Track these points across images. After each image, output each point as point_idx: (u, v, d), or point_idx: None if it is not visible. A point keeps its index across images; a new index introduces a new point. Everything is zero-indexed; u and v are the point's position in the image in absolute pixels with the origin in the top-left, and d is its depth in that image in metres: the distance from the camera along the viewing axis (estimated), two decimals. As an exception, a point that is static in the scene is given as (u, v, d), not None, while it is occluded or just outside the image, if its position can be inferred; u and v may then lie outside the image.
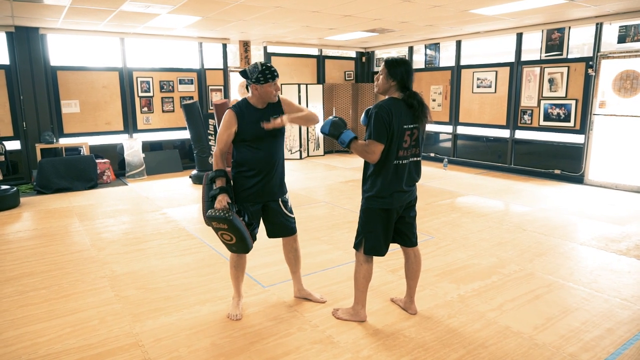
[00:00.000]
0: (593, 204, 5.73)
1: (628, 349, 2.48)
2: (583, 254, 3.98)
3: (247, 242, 2.65)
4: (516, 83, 7.75)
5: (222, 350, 2.52)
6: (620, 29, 6.47)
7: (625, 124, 6.69)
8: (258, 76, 2.59)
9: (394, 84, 2.55)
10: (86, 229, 4.87)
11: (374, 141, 2.46)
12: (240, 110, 2.68)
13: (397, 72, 2.52)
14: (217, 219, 2.53)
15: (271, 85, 2.63)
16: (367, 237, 2.65)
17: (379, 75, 2.60)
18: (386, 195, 2.55)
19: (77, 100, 7.63)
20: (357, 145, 2.53)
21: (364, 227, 2.66)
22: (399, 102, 2.52)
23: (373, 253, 2.67)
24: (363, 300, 2.78)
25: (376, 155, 2.48)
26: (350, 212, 5.43)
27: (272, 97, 2.69)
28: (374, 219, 2.62)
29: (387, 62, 2.57)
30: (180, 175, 8.08)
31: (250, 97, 2.72)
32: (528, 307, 2.97)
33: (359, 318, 2.79)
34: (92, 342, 2.62)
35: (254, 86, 2.64)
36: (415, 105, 2.51)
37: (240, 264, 2.91)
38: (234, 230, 2.55)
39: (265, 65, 2.61)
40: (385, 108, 2.47)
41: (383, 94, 2.62)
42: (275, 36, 8.58)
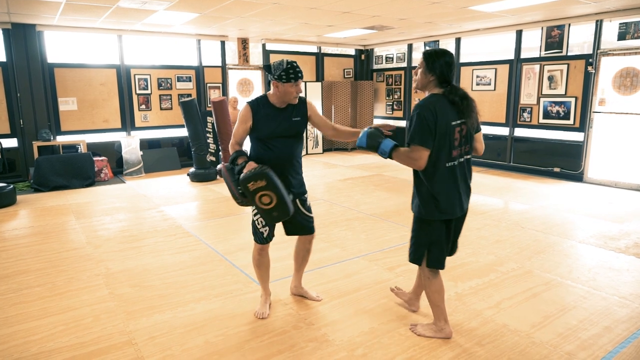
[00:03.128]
0: (592, 202, 5.70)
1: (626, 348, 2.46)
2: (582, 252, 3.95)
3: (288, 202, 2.48)
4: (515, 81, 7.71)
5: (215, 348, 2.49)
6: (620, 26, 6.43)
7: (625, 122, 6.66)
8: (281, 73, 2.50)
9: (432, 79, 2.33)
10: (82, 227, 4.85)
11: (419, 146, 2.24)
12: (257, 106, 2.62)
13: (436, 65, 2.30)
14: (253, 177, 2.37)
15: (293, 85, 2.53)
16: (431, 249, 2.44)
17: (417, 69, 2.39)
18: (446, 204, 2.34)
19: (75, 97, 7.60)
20: (399, 153, 2.31)
21: (425, 240, 2.44)
22: (441, 98, 2.30)
23: (437, 266, 2.46)
24: (444, 315, 2.55)
25: (422, 161, 2.26)
26: (348, 209, 5.40)
27: (292, 99, 2.59)
28: (435, 230, 2.41)
29: (425, 54, 2.35)
30: (178, 173, 8.05)
31: (271, 94, 2.63)
32: (526, 305, 2.94)
33: (444, 335, 2.55)
34: (85, 340, 2.59)
35: (275, 83, 2.55)
36: (457, 101, 2.29)
37: (263, 263, 2.86)
38: (272, 186, 2.40)
39: (291, 64, 2.52)
40: (428, 107, 2.25)
41: (422, 90, 2.42)
42: (274, 33, 8.54)
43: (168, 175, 7.89)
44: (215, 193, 6.46)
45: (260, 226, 2.75)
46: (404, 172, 7.92)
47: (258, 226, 2.76)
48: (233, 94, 9.22)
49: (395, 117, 10.30)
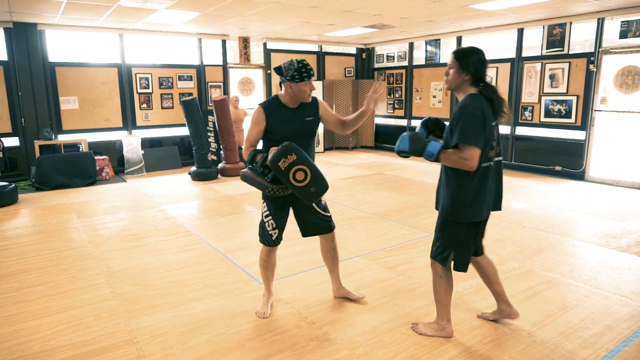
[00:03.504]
0: (594, 201, 5.69)
1: (628, 346, 2.45)
2: (583, 251, 3.95)
3: (321, 173, 2.42)
4: (517, 79, 7.70)
5: (217, 347, 2.50)
6: (622, 24, 6.41)
7: (627, 120, 6.64)
8: (293, 74, 2.49)
9: (467, 78, 2.28)
10: (84, 226, 4.85)
11: (471, 146, 2.17)
12: (270, 108, 2.60)
13: (470, 63, 2.26)
14: (283, 153, 2.29)
15: (306, 84, 2.52)
16: (459, 251, 2.39)
17: (449, 69, 2.34)
18: (477, 205, 2.30)
19: (76, 96, 7.60)
20: (448, 154, 2.23)
21: (453, 241, 2.39)
22: (481, 98, 2.26)
23: (462, 269, 2.42)
24: (448, 314, 2.53)
25: (474, 161, 2.18)
26: (348, 208, 5.40)
27: (306, 97, 2.57)
28: (463, 230, 2.36)
29: (456, 53, 2.31)
30: (180, 171, 8.06)
31: (283, 95, 2.61)
32: (527, 304, 2.94)
33: (445, 334, 2.54)
34: (87, 339, 2.60)
35: (287, 84, 2.53)
36: (495, 99, 2.27)
37: (270, 264, 2.85)
38: (304, 158, 2.33)
39: (302, 63, 2.50)
40: (476, 106, 2.20)
41: (455, 90, 2.36)
42: (275, 32, 8.54)
43: (169, 174, 7.89)
44: (216, 192, 6.46)
45: (270, 228, 2.72)
46: (405, 170, 7.92)
47: (268, 228, 2.73)
48: (234, 93, 9.22)
49: (396, 115, 10.29)
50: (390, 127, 10.52)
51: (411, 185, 6.67)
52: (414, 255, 3.84)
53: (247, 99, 9.51)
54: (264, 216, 2.75)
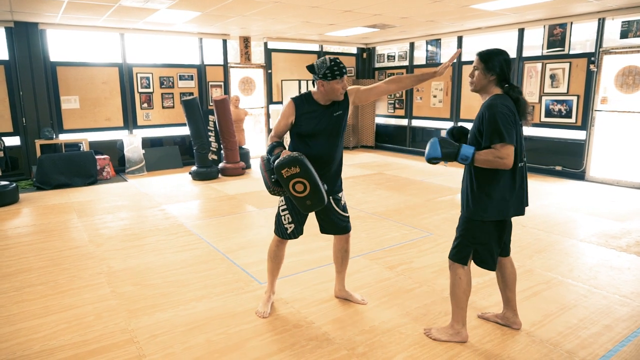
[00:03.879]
0: (594, 201, 5.69)
1: (626, 346, 2.46)
2: (583, 251, 3.95)
3: (322, 191, 2.44)
4: (517, 79, 7.69)
5: (216, 346, 2.51)
6: (623, 24, 6.41)
7: (627, 120, 6.64)
8: (326, 72, 2.49)
9: (493, 78, 2.29)
10: (84, 225, 4.87)
11: (506, 144, 2.16)
12: (301, 102, 2.62)
13: (496, 64, 2.27)
14: (287, 163, 2.35)
15: (339, 82, 2.51)
16: (480, 250, 2.37)
17: (474, 71, 2.34)
18: (508, 203, 2.30)
19: (77, 96, 7.62)
20: (483, 154, 2.21)
21: (473, 240, 2.37)
22: (507, 98, 2.27)
23: (484, 267, 2.41)
24: (464, 318, 2.49)
25: (510, 159, 2.17)
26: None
27: (338, 95, 2.56)
28: (488, 230, 2.34)
29: (481, 55, 2.31)
30: (181, 171, 8.07)
31: (315, 92, 2.62)
32: (526, 304, 2.94)
33: (460, 338, 2.50)
34: (87, 339, 2.61)
35: (320, 82, 2.53)
36: (522, 100, 2.28)
37: (278, 256, 2.86)
38: (307, 173, 2.37)
39: (335, 61, 2.50)
40: (504, 105, 2.21)
41: (480, 92, 2.36)
42: (276, 32, 8.54)
43: (170, 173, 7.90)
44: (217, 191, 6.47)
45: (287, 222, 2.74)
46: (405, 170, 7.92)
47: (284, 222, 2.75)
48: (235, 92, 9.23)
49: (397, 115, 10.29)
50: (390, 126, 10.52)
51: (412, 185, 6.68)
52: (414, 255, 3.85)
53: (248, 99, 9.52)
54: (280, 210, 2.77)
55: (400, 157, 9.58)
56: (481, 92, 2.37)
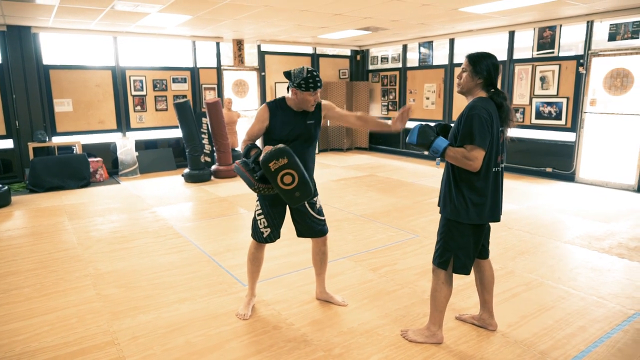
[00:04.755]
0: (582, 202, 5.74)
1: (598, 347, 2.50)
2: (565, 252, 3.99)
3: (309, 181, 2.49)
4: (508, 81, 7.74)
5: (195, 348, 2.54)
6: (611, 27, 6.46)
7: (616, 122, 6.68)
8: (300, 82, 2.55)
9: (480, 82, 2.32)
10: (75, 228, 4.90)
11: (476, 147, 2.20)
12: (275, 108, 2.68)
13: (484, 68, 2.30)
14: (275, 155, 2.36)
15: (311, 94, 2.58)
16: (458, 254, 2.39)
17: (462, 72, 2.37)
18: (485, 208, 2.33)
19: (70, 99, 7.66)
20: (454, 152, 2.26)
21: (454, 244, 2.39)
22: (490, 102, 2.30)
23: (463, 272, 2.41)
24: (441, 321, 2.54)
25: (478, 162, 2.22)
26: (338, 210, 5.44)
27: (309, 107, 2.63)
28: (465, 234, 2.36)
29: (470, 57, 2.34)
30: (174, 173, 8.11)
31: (289, 98, 2.68)
32: (504, 305, 2.98)
33: (435, 340, 2.54)
34: (69, 340, 2.64)
35: (294, 90, 2.60)
36: (505, 105, 2.32)
37: (258, 259, 2.90)
38: (294, 163, 2.40)
39: (311, 74, 2.56)
40: (484, 108, 2.24)
41: (466, 94, 2.41)
42: (269, 35, 8.59)
43: (163, 176, 7.94)
44: (208, 194, 6.51)
45: (262, 226, 2.79)
46: (398, 172, 7.97)
47: (260, 226, 2.79)
48: (228, 95, 9.27)
49: (390, 117, 10.33)
50: (384, 128, 10.55)
51: (402, 187, 6.72)
52: (399, 257, 3.89)
53: (242, 101, 9.56)
54: (256, 214, 2.82)
55: (394, 158, 9.63)
56: (467, 94, 2.40)
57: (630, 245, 4.13)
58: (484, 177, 2.31)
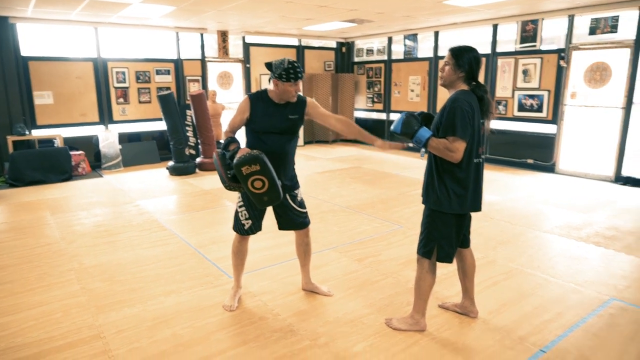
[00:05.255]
0: (561, 193, 5.87)
1: (573, 331, 2.59)
2: (545, 242, 4.10)
3: (279, 187, 2.53)
4: (491, 74, 7.84)
5: (182, 340, 2.56)
6: (592, 21, 6.58)
7: (595, 115, 6.83)
8: (281, 73, 2.56)
9: (462, 75, 2.36)
10: (57, 222, 4.84)
11: (458, 138, 2.25)
12: (257, 100, 2.69)
13: (466, 61, 2.34)
14: (248, 161, 2.41)
15: (292, 85, 2.59)
16: (442, 244, 2.45)
17: (444, 66, 2.41)
18: (466, 198, 2.38)
19: (51, 91, 7.51)
20: (437, 143, 2.30)
21: (437, 234, 2.45)
22: (471, 95, 2.36)
23: (446, 260, 2.48)
24: (424, 309, 2.61)
25: (460, 153, 2.27)
26: (323, 202, 5.48)
27: (291, 97, 2.65)
28: (448, 224, 2.42)
29: (453, 51, 2.38)
30: (158, 166, 8.03)
31: (271, 90, 2.70)
32: (485, 294, 3.06)
33: (419, 327, 2.61)
34: (54, 335, 2.63)
35: (275, 81, 2.61)
36: (486, 98, 2.37)
37: (241, 251, 2.92)
38: (266, 171, 2.44)
39: (292, 65, 2.57)
40: (466, 101, 2.29)
41: (448, 87, 2.44)
42: (253, 26, 8.52)
43: (147, 169, 7.87)
44: (193, 187, 6.48)
45: (244, 218, 2.81)
46: (382, 164, 8.03)
47: (241, 218, 2.82)
48: (213, 86, 9.19)
49: (375, 109, 10.38)
50: (369, 120, 10.61)
51: (387, 179, 6.78)
52: (383, 248, 3.95)
53: (226, 93, 9.49)
54: (238, 206, 2.84)
55: (379, 150, 9.66)
56: (449, 87, 2.44)
57: (606, 234, 4.26)
58: (465, 168, 2.35)
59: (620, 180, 6.44)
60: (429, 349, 2.45)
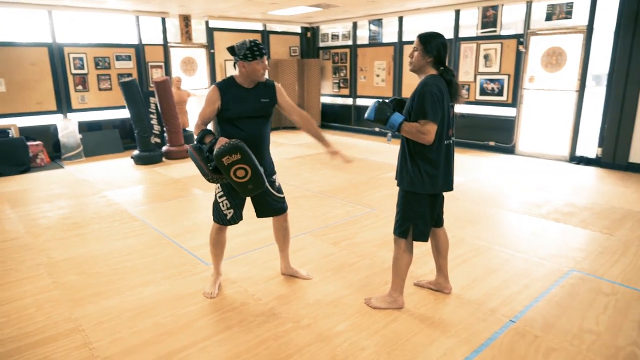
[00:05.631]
0: (522, 173, 6.17)
1: (539, 302, 2.78)
2: (509, 219, 4.32)
3: (262, 174, 2.52)
4: (454, 59, 8.04)
5: (165, 329, 2.56)
6: (548, 7, 6.84)
7: (552, 98, 7.16)
8: (246, 52, 2.55)
9: (430, 60, 2.45)
10: (19, 216, 4.65)
11: (429, 121, 2.35)
12: (226, 87, 2.65)
13: (434, 47, 2.42)
14: (228, 150, 2.39)
15: (259, 62, 2.58)
16: (417, 223, 2.55)
17: (413, 52, 2.49)
18: (438, 178, 2.48)
19: (2, 79, 7.09)
20: (409, 127, 2.41)
21: (412, 214, 2.54)
22: (440, 79, 2.44)
23: (421, 239, 2.58)
24: (402, 287, 2.71)
25: (431, 136, 2.37)
26: (295, 188, 5.51)
27: (260, 76, 2.64)
28: (422, 204, 2.52)
29: (421, 37, 2.46)
30: (122, 156, 7.80)
31: (238, 75, 2.67)
32: (457, 270, 3.22)
33: (397, 305, 2.71)
34: (29, 330, 2.57)
35: (241, 63, 2.59)
36: (454, 82, 2.46)
37: (220, 242, 2.91)
38: (247, 159, 2.43)
39: (254, 42, 2.57)
40: (435, 84, 2.38)
41: (418, 72, 2.52)
42: (218, 10, 8.33)
43: (110, 158, 7.62)
44: (161, 176, 6.35)
45: (225, 208, 2.79)
46: (352, 150, 8.12)
47: (222, 208, 2.79)
48: (176, 73, 8.95)
49: (342, 94, 10.43)
50: (336, 106, 10.67)
51: (356, 164, 6.88)
52: (357, 231, 4.04)
53: (191, 79, 9.27)
54: (217, 197, 2.80)
55: (346, 135, 9.78)
56: (418, 72, 2.53)
57: (564, 210, 4.53)
58: (436, 149, 2.46)
59: (574, 160, 6.82)
60: (408, 325, 2.57)
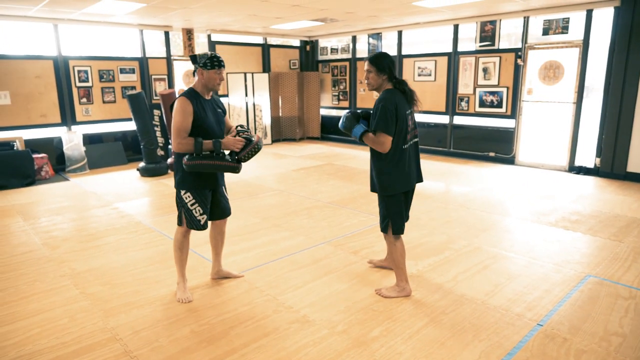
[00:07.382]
0: (524, 183, 6.32)
1: (563, 305, 2.87)
2: (520, 227, 4.43)
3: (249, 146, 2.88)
4: (454, 72, 8.24)
5: (203, 336, 2.60)
6: (545, 22, 7.09)
7: (549, 109, 7.38)
8: (206, 61, 2.77)
9: (385, 77, 2.79)
10: (33, 228, 4.64)
11: (383, 133, 2.70)
12: (192, 97, 2.81)
13: (385, 65, 2.76)
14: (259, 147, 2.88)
15: (217, 72, 2.79)
16: (394, 219, 2.91)
17: (368, 74, 2.81)
18: (404, 179, 2.82)
19: (7, 91, 7.08)
20: (368, 138, 2.76)
21: (389, 211, 2.91)
22: (396, 92, 2.76)
23: (400, 232, 2.94)
24: (405, 276, 3.00)
25: (386, 146, 2.72)
26: (305, 199, 5.58)
27: (216, 86, 2.84)
28: (396, 202, 2.88)
29: (372, 60, 2.79)
30: (126, 168, 7.80)
31: (196, 84, 2.86)
32: (478, 277, 3.31)
33: (405, 293, 2.99)
34: (66, 340, 2.58)
35: (200, 70, 2.79)
36: (408, 91, 2.80)
37: (185, 246, 3.06)
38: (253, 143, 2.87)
39: (215, 55, 2.80)
40: (390, 100, 2.70)
41: (377, 90, 2.84)
42: (220, 24, 8.45)
43: (115, 170, 7.62)
44: (169, 187, 6.37)
45: (198, 214, 2.95)
46: (354, 161, 8.23)
47: (196, 214, 2.95)
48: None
49: (341, 107, 10.57)
50: (335, 118, 10.79)
51: (361, 175, 6.98)
52: (374, 240, 4.12)
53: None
54: (189, 204, 2.93)
55: (346, 147, 9.90)
56: (378, 90, 2.85)
57: (571, 218, 4.67)
58: (397, 155, 2.79)
59: (573, 170, 7.01)
60: (440, 330, 2.63)
